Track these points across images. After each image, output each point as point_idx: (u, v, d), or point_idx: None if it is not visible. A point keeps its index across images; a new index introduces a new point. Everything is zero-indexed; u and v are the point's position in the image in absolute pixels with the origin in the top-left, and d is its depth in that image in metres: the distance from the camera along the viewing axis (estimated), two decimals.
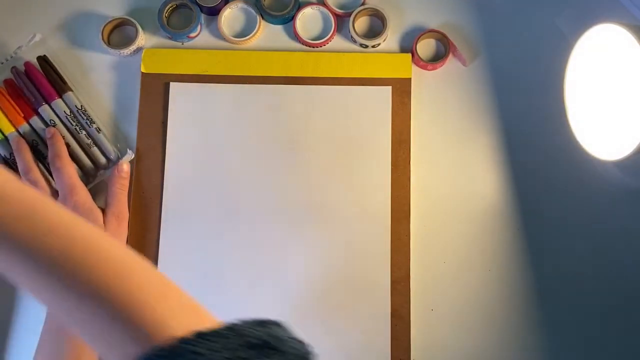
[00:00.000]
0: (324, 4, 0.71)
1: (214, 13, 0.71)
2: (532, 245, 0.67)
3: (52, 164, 0.64)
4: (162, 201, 0.67)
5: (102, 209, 0.65)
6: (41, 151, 0.66)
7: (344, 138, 0.68)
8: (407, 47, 0.71)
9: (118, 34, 0.71)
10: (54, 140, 0.65)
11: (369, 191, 0.67)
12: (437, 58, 0.71)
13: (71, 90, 0.68)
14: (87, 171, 0.67)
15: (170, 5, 0.70)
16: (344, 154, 0.68)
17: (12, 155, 0.66)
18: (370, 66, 0.69)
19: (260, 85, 0.69)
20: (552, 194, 0.68)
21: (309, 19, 0.71)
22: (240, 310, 0.64)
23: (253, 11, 0.71)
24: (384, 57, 0.70)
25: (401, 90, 0.69)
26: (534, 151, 0.69)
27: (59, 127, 0.67)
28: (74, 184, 0.63)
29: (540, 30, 0.70)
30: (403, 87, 0.69)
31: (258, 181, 0.68)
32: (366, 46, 0.70)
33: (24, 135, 0.66)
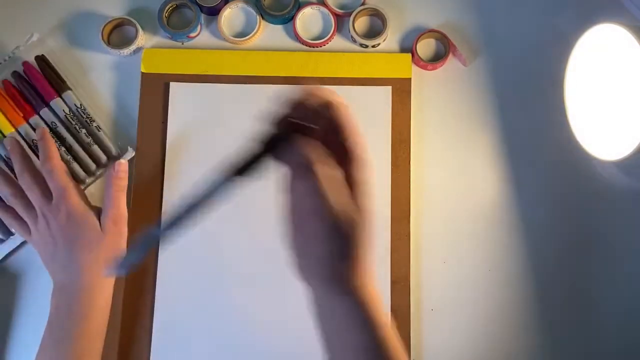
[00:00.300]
0: (324, 4, 0.71)
1: (214, 13, 0.71)
2: (532, 245, 0.67)
3: (43, 167, 0.63)
4: (162, 201, 0.67)
5: (100, 208, 0.64)
6: None
7: None
8: (407, 47, 0.71)
9: (118, 34, 0.71)
10: (44, 142, 0.64)
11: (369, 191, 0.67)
12: (437, 58, 0.71)
13: (70, 89, 0.68)
14: (88, 169, 0.67)
15: (170, 5, 0.70)
16: None
17: None
18: (370, 66, 0.69)
19: (260, 85, 0.69)
20: (552, 193, 0.68)
21: (309, 19, 0.71)
22: (240, 309, 0.64)
23: (253, 11, 0.71)
24: (384, 57, 0.70)
25: (401, 90, 0.69)
26: (534, 151, 0.69)
27: (59, 126, 0.67)
28: (65, 186, 0.62)
29: (540, 30, 0.70)
30: (403, 87, 0.69)
31: (258, 180, 0.67)
32: (366, 46, 0.70)
33: (23, 135, 0.66)
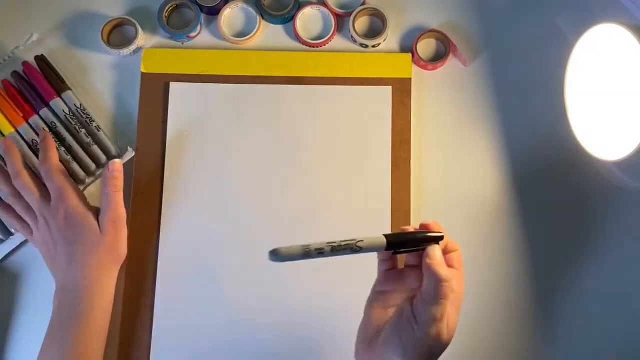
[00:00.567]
0: (324, 4, 0.71)
1: (213, 13, 0.71)
2: (533, 245, 0.67)
3: (41, 167, 0.63)
4: (161, 201, 0.67)
5: (99, 208, 0.64)
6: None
7: (344, 138, 0.68)
8: (407, 46, 0.71)
9: (118, 34, 0.71)
10: (45, 143, 0.64)
11: (369, 191, 0.67)
12: (437, 58, 0.71)
13: (70, 89, 0.68)
14: (88, 169, 0.67)
15: (170, 4, 0.70)
16: (344, 154, 0.68)
17: None
18: (370, 66, 0.69)
19: (260, 85, 0.69)
20: (552, 194, 0.68)
21: (309, 19, 0.71)
22: (240, 309, 0.64)
23: (253, 11, 0.71)
24: (384, 56, 0.70)
25: (401, 90, 0.69)
26: (534, 151, 0.69)
27: (58, 126, 0.67)
28: (63, 187, 0.62)
29: (540, 30, 0.70)
30: (403, 86, 0.69)
31: (258, 181, 0.67)
32: (366, 46, 0.70)
33: (23, 135, 0.66)
